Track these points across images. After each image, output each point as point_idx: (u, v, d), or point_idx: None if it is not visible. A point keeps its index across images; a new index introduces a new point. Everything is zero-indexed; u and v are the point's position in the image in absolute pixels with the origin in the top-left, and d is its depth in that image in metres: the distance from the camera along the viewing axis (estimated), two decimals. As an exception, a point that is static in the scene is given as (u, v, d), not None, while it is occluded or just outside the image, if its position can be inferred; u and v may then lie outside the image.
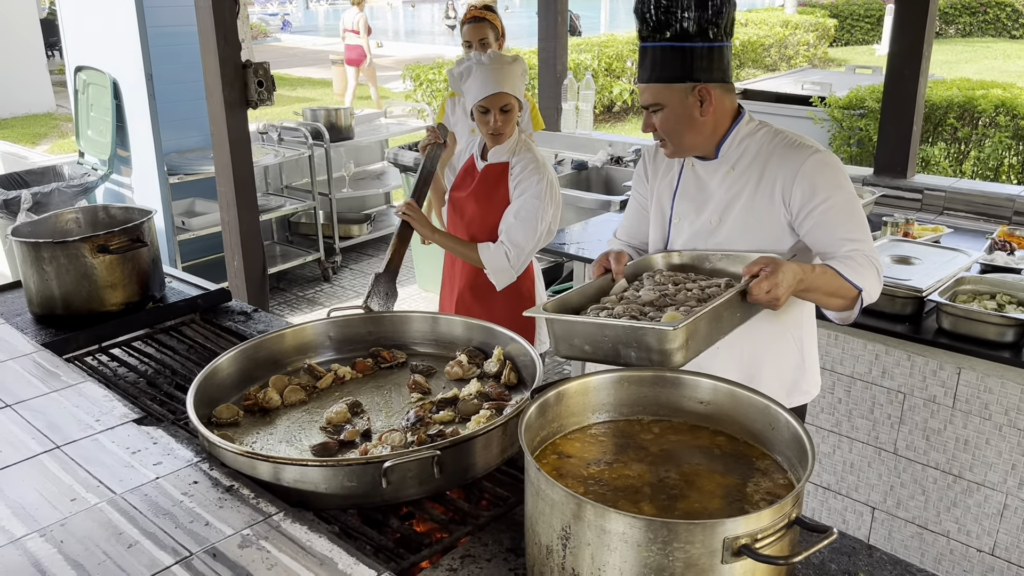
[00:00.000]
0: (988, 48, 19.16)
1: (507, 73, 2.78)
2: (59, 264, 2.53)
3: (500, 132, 2.84)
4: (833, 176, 1.96)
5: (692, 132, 2.00)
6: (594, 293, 1.96)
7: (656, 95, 1.97)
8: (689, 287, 1.91)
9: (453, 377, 2.15)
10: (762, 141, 2.04)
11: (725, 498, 1.39)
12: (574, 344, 1.77)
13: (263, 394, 2.01)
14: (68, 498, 1.65)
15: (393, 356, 2.24)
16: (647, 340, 1.65)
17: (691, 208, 2.12)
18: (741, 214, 2.04)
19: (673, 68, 1.93)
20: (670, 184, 2.18)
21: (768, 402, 1.49)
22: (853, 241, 1.92)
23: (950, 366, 2.70)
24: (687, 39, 1.91)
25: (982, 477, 2.72)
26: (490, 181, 2.94)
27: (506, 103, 2.80)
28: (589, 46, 12.89)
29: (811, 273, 1.83)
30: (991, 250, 3.27)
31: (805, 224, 1.97)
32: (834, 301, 1.92)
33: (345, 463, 1.64)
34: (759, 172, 2.02)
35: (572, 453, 1.53)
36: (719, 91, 1.98)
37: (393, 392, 2.11)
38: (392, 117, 7.53)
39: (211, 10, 3.80)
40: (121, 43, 5.16)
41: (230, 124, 3.98)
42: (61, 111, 13.97)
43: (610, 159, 5.30)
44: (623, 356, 1.70)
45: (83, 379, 2.15)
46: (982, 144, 5.76)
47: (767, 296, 1.74)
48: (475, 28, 4.01)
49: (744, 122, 2.06)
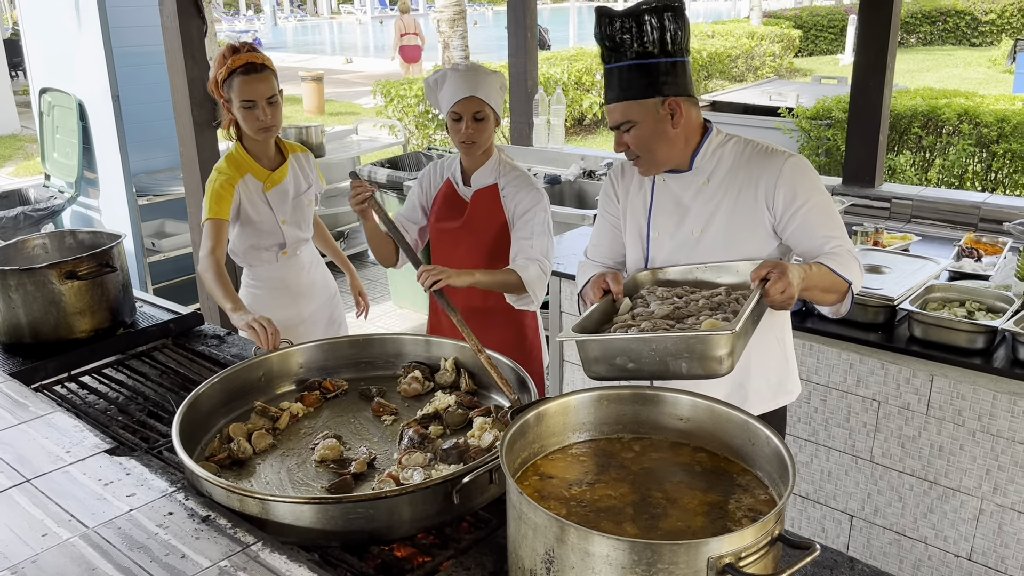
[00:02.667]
0: (949, 56, 19.54)
1: (483, 81, 2.68)
2: (26, 291, 2.49)
3: (472, 141, 2.70)
4: (810, 179, 2.04)
5: (665, 146, 2.03)
6: (600, 316, 1.94)
7: (626, 112, 1.99)
8: (695, 298, 1.92)
9: (411, 394, 2.17)
10: (735, 151, 2.09)
11: (707, 516, 1.39)
12: (615, 363, 1.74)
13: (236, 444, 1.92)
14: (39, 533, 1.61)
15: (336, 385, 2.23)
16: (701, 348, 1.66)
17: (670, 222, 2.14)
18: (724, 223, 2.07)
19: (640, 84, 1.96)
20: (643, 201, 2.20)
21: (747, 418, 1.50)
22: (834, 238, 2.00)
23: (923, 373, 2.73)
24: (649, 56, 1.96)
25: (957, 483, 2.74)
26: (482, 207, 2.80)
27: (479, 110, 2.66)
28: (559, 60, 12.96)
29: (809, 272, 1.89)
30: (959, 257, 3.31)
31: (789, 226, 2.03)
32: (829, 296, 1.99)
33: (413, 488, 1.59)
34: (738, 180, 2.06)
35: (554, 474, 1.52)
36: (686, 104, 2.02)
37: (359, 419, 2.10)
38: (363, 134, 7.51)
39: (178, 30, 3.78)
40: (87, 64, 5.10)
41: (199, 144, 3.95)
42: (26, 132, 13.77)
43: (582, 172, 5.31)
44: (672, 369, 1.70)
45: (52, 409, 2.10)
46: (946, 152, 5.86)
47: (782, 296, 1.79)
48: (256, 82, 2.87)
49: (714, 134, 2.12)
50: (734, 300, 1.93)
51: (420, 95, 11.11)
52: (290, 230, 3.05)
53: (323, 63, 22.93)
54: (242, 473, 1.88)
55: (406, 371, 2.25)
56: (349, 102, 16.10)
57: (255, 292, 3.10)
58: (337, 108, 15.13)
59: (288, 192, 3.03)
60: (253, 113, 2.82)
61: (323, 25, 42.40)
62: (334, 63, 23.33)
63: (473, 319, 2.78)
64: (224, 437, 1.98)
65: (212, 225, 2.80)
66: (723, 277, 2.02)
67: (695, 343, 1.66)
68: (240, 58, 2.80)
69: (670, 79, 1.97)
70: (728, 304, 1.92)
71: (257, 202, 2.97)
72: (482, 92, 2.67)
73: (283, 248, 3.07)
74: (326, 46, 31.66)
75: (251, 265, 3.09)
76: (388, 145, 7.38)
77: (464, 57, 8.86)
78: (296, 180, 3.08)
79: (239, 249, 3.06)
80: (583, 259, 2.41)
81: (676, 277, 2.09)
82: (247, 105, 2.81)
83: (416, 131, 11.02)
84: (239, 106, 2.82)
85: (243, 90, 2.79)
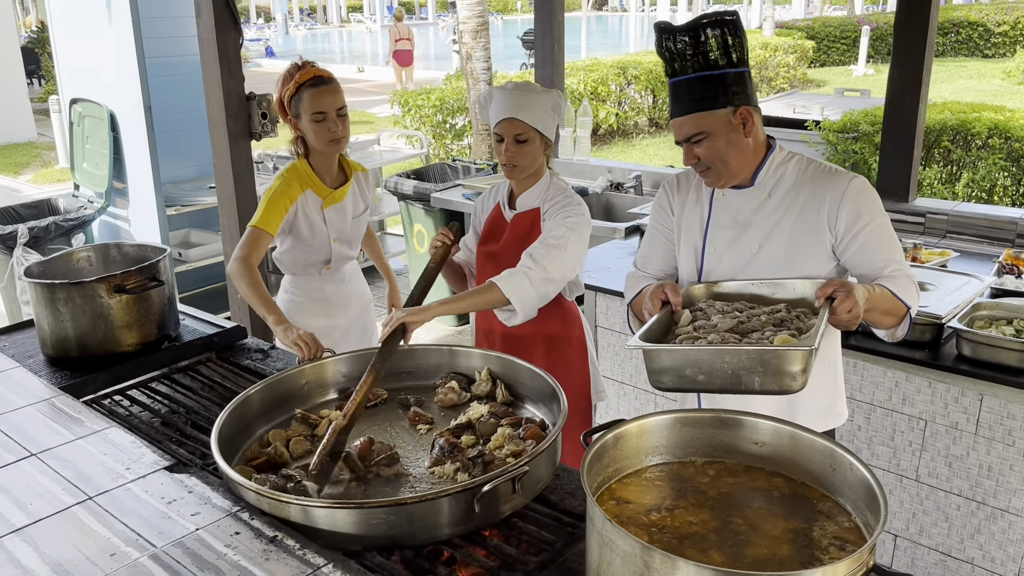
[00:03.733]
0: (962, 68, 19.51)
1: (527, 101, 2.56)
2: (74, 305, 2.48)
3: (514, 164, 2.60)
4: (874, 200, 2.04)
5: (738, 156, 2.03)
6: (660, 328, 1.92)
7: (698, 124, 1.98)
8: (756, 313, 1.91)
9: (447, 404, 2.18)
10: (797, 168, 2.09)
11: (793, 543, 1.37)
12: (685, 375, 1.73)
13: (273, 449, 1.93)
14: (107, 553, 1.60)
15: (376, 395, 2.22)
16: (777, 364, 1.64)
17: (727, 237, 2.13)
18: (783, 241, 2.06)
19: (711, 95, 1.96)
20: (700, 215, 2.19)
21: (831, 444, 1.48)
22: (894, 262, 1.99)
23: (972, 392, 2.71)
24: (716, 67, 1.96)
25: (1006, 503, 2.72)
26: (522, 230, 2.68)
27: (520, 132, 2.55)
28: (574, 70, 12.98)
29: (872, 293, 1.88)
30: (999, 273, 3.29)
31: (850, 247, 2.02)
32: (888, 319, 1.99)
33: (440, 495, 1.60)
34: (800, 199, 2.05)
35: (630, 499, 1.50)
36: (756, 114, 2.01)
37: (395, 427, 2.12)
38: (385, 144, 7.52)
39: (215, 42, 3.78)
40: (119, 75, 5.12)
41: (234, 156, 3.95)
42: (43, 139, 13.84)
43: (609, 185, 5.30)
44: (744, 383, 1.68)
45: (108, 424, 2.10)
46: (976, 166, 5.83)
47: (849, 316, 1.78)
48: (328, 94, 2.88)
49: (777, 151, 2.12)
50: (796, 317, 1.92)
51: (437, 105, 11.14)
52: (339, 248, 3.05)
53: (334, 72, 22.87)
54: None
55: (443, 381, 2.26)
56: (363, 111, 16.13)
57: (293, 299, 3.12)
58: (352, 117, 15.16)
59: (347, 212, 3.04)
60: (324, 125, 2.82)
61: (333, 33, 42.58)
62: (345, 72, 23.38)
63: (511, 346, 2.73)
64: (263, 443, 2.00)
65: (255, 233, 2.78)
66: (779, 293, 2.01)
67: (771, 358, 1.64)
68: (307, 72, 2.82)
69: (738, 89, 1.97)
70: (791, 321, 1.90)
71: (314, 218, 2.97)
72: (525, 114, 2.55)
73: (328, 264, 3.07)
74: (336, 55, 31.77)
75: (295, 274, 3.10)
76: (409, 156, 7.38)
77: (486, 68, 8.86)
78: (355, 201, 3.09)
79: (286, 259, 3.07)
80: (632, 270, 2.40)
81: (731, 291, 2.08)
82: (318, 118, 2.81)
83: (434, 141, 11.04)
84: (309, 119, 2.82)
85: (313, 103, 2.80)
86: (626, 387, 3.72)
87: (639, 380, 3.66)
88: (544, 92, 2.63)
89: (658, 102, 14.04)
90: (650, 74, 13.65)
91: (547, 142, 2.65)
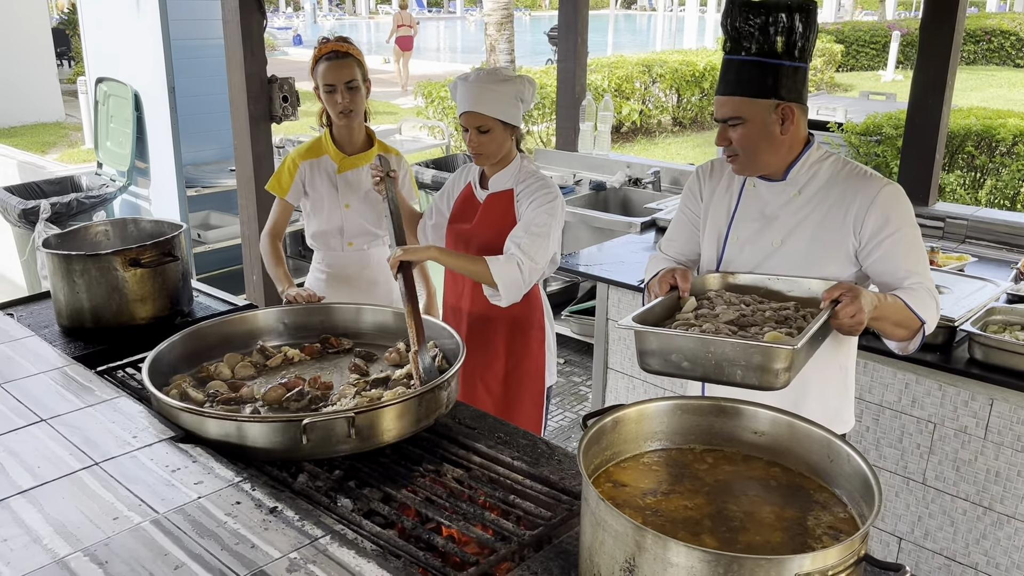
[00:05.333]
0: (992, 76, 19.25)
1: (486, 93, 2.61)
2: (90, 277, 2.52)
3: (478, 153, 2.69)
4: (905, 208, 1.99)
5: (769, 150, 2.01)
6: (663, 311, 1.93)
7: (738, 108, 1.96)
8: (762, 308, 1.90)
9: (391, 362, 2.33)
10: (832, 169, 2.05)
11: (786, 532, 1.37)
12: (670, 360, 1.75)
13: (214, 367, 2.22)
14: (110, 516, 1.62)
15: (340, 343, 2.40)
16: (759, 359, 1.65)
17: (751, 229, 2.11)
18: (805, 239, 2.04)
19: (760, 83, 1.93)
20: (728, 204, 2.17)
21: (829, 436, 1.48)
22: (917, 274, 1.95)
23: (982, 397, 2.69)
24: (774, 56, 1.92)
25: (1013, 509, 2.69)
26: (496, 211, 2.78)
27: (480, 124, 2.63)
28: (599, 67, 12.94)
29: (884, 302, 1.85)
30: (1017, 280, 3.26)
31: (873, 254, 1.98)
32: (899, 331, 1.95)
33: (271, 419, 1.86)
34: (830, 198, 2.02)
35: (627, 482, 1.51)
36: (799, 112, 1.99)
37: (335, 373, 2.28)
38: (406, 134, 7.55)
39: (239, 24, 3.82)
40: (144, 56, 5.18)
41: (254, 138, 3.99)
42: (70, 120, 13.99)
43: (628, 180, 5.29)
44: (727, 374, 1.69)
45: (117, 394, 2.13)
46: (999, 173, 5.76)
47: (851, 321, 1.76)
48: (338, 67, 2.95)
49: (814, 148, 2.08)
50: (801, 316, 1.91)
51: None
52: (354, 217, 3.09)
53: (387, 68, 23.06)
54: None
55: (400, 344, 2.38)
56: (387, 102, 16.17)
57: (319, 276, 3.22)
58: (376, 108, 15.06)
59: (363, 181, 3.09)
60: (333, 97, 2.95)
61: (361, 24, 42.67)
62: (372, 63, 23.14)
63: (476, 325, 2.89)
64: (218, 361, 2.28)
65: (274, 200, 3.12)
66: (794, 291, 2.00)
67: (753, 353, 1.65)
68: (327, 46, 2.96)
69: (789, 83, 1.93)
70: (795, 319, 1.89)
71: (325, 181, 3.09)
72: (483, 106, 2.61)
73: (346, 237, 3.14)
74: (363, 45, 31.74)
75: (319, 249, 3.21)
76: (430, 146, 7.41)
77: (510, 60, 8.89)
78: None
79: (309, 231, 3.20)
80: (655, 252, 2.39)
81: (746, 284, 2.07)
82: (328, 89, 2.95)
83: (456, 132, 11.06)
84: (323, 90, 2.97)
85: (325, 75, 2.94)
86: (635, 380, 3.72)
87: (650, 375, 3.65)
88: (506, 81, 2.66)
89: (682, 101, 13.97)
90: (675, 73, 13.58)
91: (512, 128, 2.72)
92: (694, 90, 13.79)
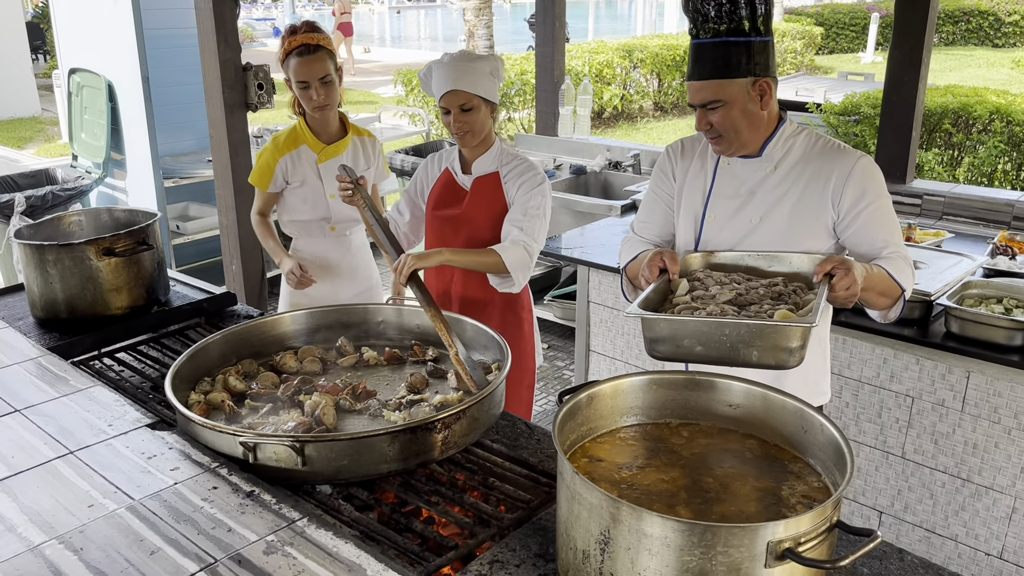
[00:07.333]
0: (971, 56, 19.35)
1: (465, 70, 2.62)
2: (63, 267, 2.49)
3: (464, 132, 2.67)
4: (879, 181, 2.02)
5: (751, 127, 2.01)
6: (657, 296, 1.91)
7: (717, 91, 1.95)
8: (754, 286, 1.90)
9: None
10: (805, 143, 2.07)
11: (761, 502, 1.38)
12: (682, 345, 1.72)
13: (280, 357, 2.22)
14: (85, 504, 1.61)
15: (423, 352, 2.25)
16: (776, 339, 1.64)
17: (729, 207, 2.12)
18: (784, 214, 2.05)
19: (736, 62, 1.92)
20: (703, 183, 2.17)
21: (802, 406, 1.49)
22: (893, 244, 1.98)
23: (959, 370, 2.71)
24: (742, 34, 1.92)
25: (991, 481, 2.72)
26: (484, 194, 2.77)
27: (464, 102, 2.62)
28: (580, 52, 12.90)
29: (870, 272, 1.87)
30: (993, 254, 3.28)
31: (852, 225, 2.00)
32: (882, 300, 1.98)
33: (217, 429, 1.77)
34: (807, 173, 2.04)
35: (603, 457, 1.51)
36: (773, 86, 2.00)
37: (394, 384, 2.13)
38: (385, 122, 7.51)
39: (211, 12, 3.78)
40: (117, 46, 5.11)
41: (230, 126, 3.95)
42: (47, 115, 13.83)
43: (608, 164, 5.29)
44: (742, 356, 1.68)
45: (92, 383, 2.11)
46: (976, 150, 5.80)
47: (847, 293, 1.78)
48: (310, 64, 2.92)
49: (788, 123, 2.09)
50: (793, 291, 1.91)
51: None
52: (339, 206, 3.09)
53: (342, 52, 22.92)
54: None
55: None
56: (367, 91, 16.09)
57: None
58: (356, 97, 15.12)
59: None
60: (307, 93, 2.95)
61: (340, 14, 42.30)
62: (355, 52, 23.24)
63: (468, 311, 2.79)
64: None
65: (255, 191, 3.16)
66: (775, 266, 2.00)
67: (771, 332, 1.64)
68: (297, 40, 2.92)
69: (760, 58, 1.93)
70: (789, 295, 1.89)
71: (308, 173, 3.07)
72: (465, 83, 2.62)
73: (330, 223, 3.13)
74: (344, 36, 31.55)
75: (297, 237, 3.20)
76: (410, 134, 7.38)
77: (489, 47, 8.85)
78: (355, 160, 3.15)
79: (286, 219, 3.20)
80: (629, 234, 2.38)
81: (727, 262, 2.07)
82: (302, 86, 2.95)
83: (436, 120, 11.01)
84: (296, 86, 2.96)
85: (297, 72, 2.93)
86: (617, 362, 3.72)
87: (631, 355, 3.66)
88: (481, 58, 2.69)
89: (663, 86, 13.97)
90: (656, 58, 13.56)
91: (492, 106, 2.73)
92: (675, 75, 13.79)
